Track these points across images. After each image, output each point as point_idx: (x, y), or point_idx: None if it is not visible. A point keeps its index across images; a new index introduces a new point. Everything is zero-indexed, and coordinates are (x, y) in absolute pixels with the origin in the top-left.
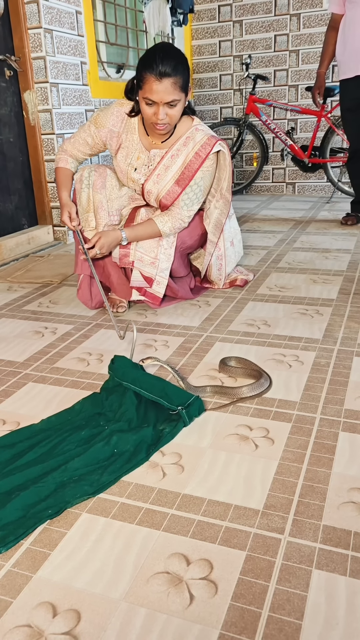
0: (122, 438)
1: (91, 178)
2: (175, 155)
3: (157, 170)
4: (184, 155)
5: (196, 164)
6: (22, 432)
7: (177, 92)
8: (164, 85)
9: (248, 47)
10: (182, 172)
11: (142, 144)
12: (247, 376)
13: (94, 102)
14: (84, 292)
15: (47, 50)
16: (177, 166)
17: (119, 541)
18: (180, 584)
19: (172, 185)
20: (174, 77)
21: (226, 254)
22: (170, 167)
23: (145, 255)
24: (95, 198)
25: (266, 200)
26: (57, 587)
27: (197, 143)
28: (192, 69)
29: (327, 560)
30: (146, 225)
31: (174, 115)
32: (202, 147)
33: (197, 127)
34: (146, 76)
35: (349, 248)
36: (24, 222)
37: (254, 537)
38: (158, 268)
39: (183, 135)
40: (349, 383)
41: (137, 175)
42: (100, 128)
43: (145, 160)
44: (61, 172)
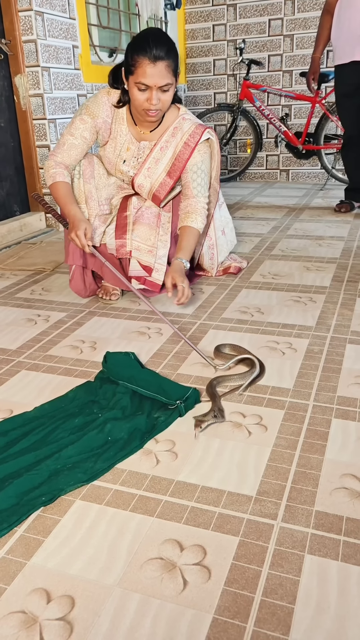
0: (116, 426)
1: (81, 167)
2: (164, 148)
3: (147, 163)
4: (173, 146)
5: (186, 154)
6: (15, 420)
7: (170, 75)
8: (158, 69)
9: (242, 31)
10: (173, 164)
11: (132, 135)
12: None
13: (86, 86)
14: (77, 282)
15: (38, 33)
16: (167, 158)
17: (113, 528)
18: (173, 570)
19: (164, 178)
20: (167, 60)
21: (218, 243)
22: (160, 160)
23: (142, 244)
24: (85, 188)
25: (260, 187)
26: (51, 574)
27: (185, 133)
28: (186, 53)
29: (320, 545)
30: (187, 237)
31: (166, 100)
32: (191, 137)
33: (183, 117)
34: (139, 60)
35: (343, 235)
36: (15, 209)
37: (247, 523)
38: (156, 256)
39: (171, 125)
40: (342, 370)
41: (126, 168)
42: (95, 118)
43: (134, 152)
44: (62, 187)
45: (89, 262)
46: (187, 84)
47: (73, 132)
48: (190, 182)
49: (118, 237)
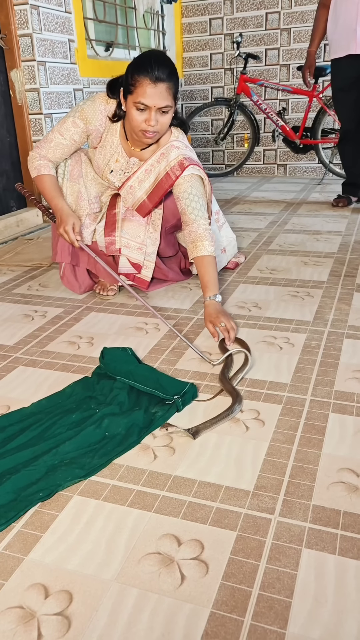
0: (114, 421)
1: (67, 168)
2: (149, 171)
3: (130, 181)
4: (156, 172)
5: (167, 184)
6: (12, 416)
7: (170, 98)
8: (159, 90)
9: (239, 25)
10: (153, 190)
11: (122, 148)
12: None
13: (82, 81)
14: (69, 278)
15: (33, 27)
16: (149, 182)
17: (111, 523)
18: (171, 564)
19: (145, 200)
20: (168, 83)
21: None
22: (143, 182)
23: (132, 241)
24: (73, 189)
25: (257, 182)
26: (49, 569)
27: (170, 161)
28: (182, 47)
29: (317, 539)
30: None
31: (165, 123)
32: (172, 169)
33: (173, 144)
34: (140, 79)
35: (340, 230)
36: (12, 205)
37: (244, 518)
38: (145, 253)
39: (160, 149)
40: (339, 365)
41: (112, 178)
42: (88, 124)
43: (123, 166)
44: (48, 180)
45: (81, 260)
46: (184, 78)
47: (63, 132)
48: (185, 209)
49: (107, 234)
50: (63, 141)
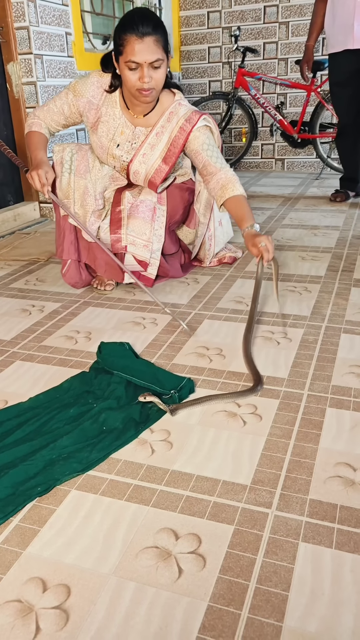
0: (111, 416)
1: (73, 163)
2: (160, 133)
3: (142, 149)
4: (169, 131)
5: (181, 139)
6: (9, 411)
7: (160, 51)
8: (147, 44)
9: (237, 18)
10: (169, 150)
11: (126, 119)
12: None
13: (79, 74)
14: (73, 275)
15: (30, 20)
16: (162, 144)
17: (108, 517)
18: (169, 558)
19: (160, 164)
20: (155, 35)
21: (215, 234)
22: (156, 146)
23: (138, 239)
24: (79, 184)
25: (255, 177)
26: (47, 563)
27: (180, 117)
28: (180, 40)
29: (314, 533)
30: (241, 205)
31: (159, 78)
32: (187, 121)
33: (179, 102)
34: (127, 38)
35: (338, 225)
36: (9, 199)
37: (241, 512)
38: (151, 250)
39: (167, 110)
40: (337, 360)
41: (119, 152)
42: (78, 97)
43: (129, 136)
44: (35, 135)
45: (82, 255)
46: (181, 71)
47: (56, 100)
48: (208, 159)
49: (113, 232)
50: (54, 107)
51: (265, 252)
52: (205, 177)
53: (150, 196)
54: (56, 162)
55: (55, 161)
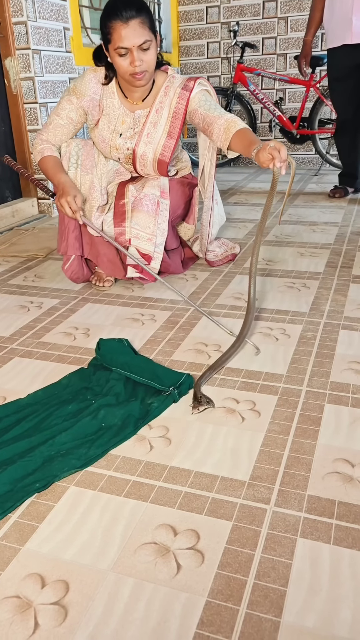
0: (110, 412)
1: (80, 158)
2: (159, 109)
3: (145, 129)
4: (168, 104)
5: (182, 108)
6: (8, 407)
7: (147, 32)
8: (132, 27)
9: (236, 13)
10: (172, 123)
11: (125, 107)
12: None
13: (77, 69)
14: (76, 270)
15: (28, 14)
16: (164, 118)
17: (107, 513)
18: (167, 554)
19: (166, 140)
20: (139, 18)
21: (212, 214)
22: (158, 122)
23: (142, 232)
24: (85, 179)
25: (254, 173)
26: (46, 559)
27: (177, 87)
28: (179, 35)
29: (312, 529)
30: (247, 134)
31: (150, 59)
32: (183, 89)
33: (173, 75)
34: (112, 25)
35: (337, 221)
36: (7, 195)
37: (240, 508)
38: (155, 244)
39: (162, 86)
40: (335, 356)
41: (122, 141)
42: (81, 97)
43: (130, 124)
44: (50, 161)
45: (85, 250)
46: (180, 67)
47: (59, 112)
48: (207, 112)
49: (117, 225)
50: (60, 122)
51: (274, 151)
52: (207, 130)
53: (153, 190)
54: (62, 157)
55: (61, 156)
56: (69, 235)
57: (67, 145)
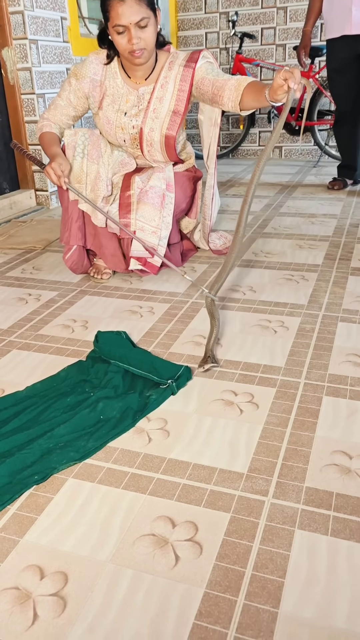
0: (108, 404)
1: (86, 147)
2: (164, 84)
3: (151, 105)
4: (173, 78)
5: (188, 78)
6: (6, 399)
7: (144, 9)
8: (129, 5)
9: (235, 3)
10: (178, 96)
11: (128, 86)
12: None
13: (75, 59)
14: (77, 259)
15: (25, 4)
16: (169, 92)
17: (105, 505)
18: (165, 546)
19: (172, 115)
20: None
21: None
22: (164, 97)
23: (147, 225)
24: (92, 169)
25: (252, 164)
26: (44, 551)
27: (181, 60)
28: (177, 25)
29: (310, 520)
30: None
31: (148, 37)
32: (189, 61)
33: (176, 52)
34: (110, 3)
35: (335, 213)
36: (5, 187)
37: (238, 500)
38: (159, 237)
39: (165, 63)
40: (333, 348)
41: (127, 120)
42: (80, 79)
43: (134, 101)
44: (47, 136)
45: (88, 241)
46: None
47: (61, 94)
48: (215, 78)
49: (122, 216)
50: (61, 102)
51: (287, 73)
52: (218, 94)
53: (159, 182)
54: (68, 145)
55: (67, 145)
56: (72, 225)
57: (73, 134)
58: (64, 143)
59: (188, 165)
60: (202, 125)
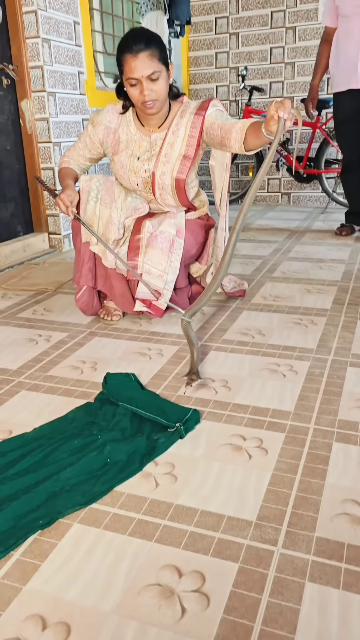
0: (116, 447)
1: (100, 192)
2: (176, 131)
3: (163, 150)
4: (184, 125)
5: (198, 124)
6: (14, 441)
7: (156, 63)
8: (141, 59)
9: (244, 59)
10: (188, 142)
11: (141, 133)
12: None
13: (90, 110)
14: (87, 301)
15: (44, 59)
16: (180, 138)
17: (111, 552)
18: (172, 597)
19: (182, 159)
20: (148, 50)
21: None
22: (175, 142)
23: (154, 268)
24: (104, 213)
25: (261, 210)
26: (47, 599)
27: (192, 109)
28: (189, 79)
29: (320, 572)
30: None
31: (160, 89)
32: (199, 109)
33: (188, 102)
34: (124, 57)
35: (343, 258)
36: (19, 230)
37: (246, 549)
38: (165, 281)
39: (178, 111)
40: (343, 393)
41: (140, 165)
42: (96, 126)
43: (147, 147)
44: (64, 170)
45: (98, 282)
46: None
47: (80, 137)
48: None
49: (130, 258)
50: (79, 144)
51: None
52: (226, 138)
53: (169, 228)
54: (82, 190)
55: (82, 189)
56: (82, 266)
57: (88, 180)
58: (79, 188)
59: (201, 213)
60: (214, 170)
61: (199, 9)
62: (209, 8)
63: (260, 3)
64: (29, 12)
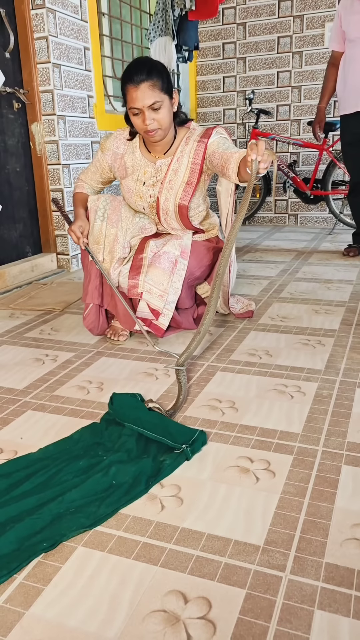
0: (121, 469)
1: (107, 211)
2: (180, 157)
3: (167, 177)
4: (188, 152)
5: (200, 152)
6: (19, 461)
7: (157, 93)
8: (142, 90)
9: (251, 82)
10: (191, 169)
11: (146, 159)
12: None
13: (99, 134)
14: (93, 319)
15: (55, 84)
16: (184, 165)
17: (115, 577)
18: (177, 624)
19: (185, 186)
20: (149, 80)
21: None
22: (179, 170)
23: (155, 288)
24: (110, 232)
25: (269, 231)
26: (50, 625)
27: (196, 136)
28: (197, 103)
29: (330, 600)
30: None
31: (162, 118)
32: (203, 137)
33: (194, 128)
34: (127, 88)
35: (351, 279)
36: (28, 250)
37: (254, 575)
38: (166, 301)
39: (183, 138)
40: (352, 415)
41: (145, 190)
42: (105, 152)
43: (152, 172)
44: (79, 195)
45: (105, 301)
46: None
47: (93, 161)
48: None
49: (131, 277)
50: (91, 168)
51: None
52: (225, 167)
53: (174, 249)
54: (90, 209)
55: (90, 208)
56: (89, 284)
57: (96, 200)
58: (88, 207)
59: (210, 235)
60: (220, 195)
61: (206, 35)
62: (217, 34)
63: (268, 29)
64: (40, 39)
